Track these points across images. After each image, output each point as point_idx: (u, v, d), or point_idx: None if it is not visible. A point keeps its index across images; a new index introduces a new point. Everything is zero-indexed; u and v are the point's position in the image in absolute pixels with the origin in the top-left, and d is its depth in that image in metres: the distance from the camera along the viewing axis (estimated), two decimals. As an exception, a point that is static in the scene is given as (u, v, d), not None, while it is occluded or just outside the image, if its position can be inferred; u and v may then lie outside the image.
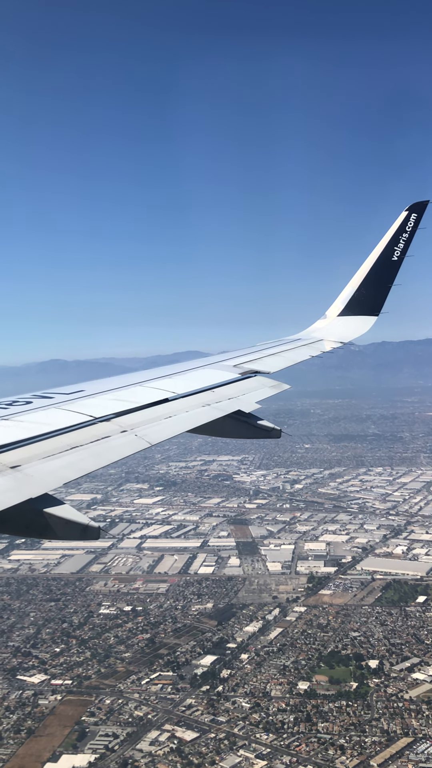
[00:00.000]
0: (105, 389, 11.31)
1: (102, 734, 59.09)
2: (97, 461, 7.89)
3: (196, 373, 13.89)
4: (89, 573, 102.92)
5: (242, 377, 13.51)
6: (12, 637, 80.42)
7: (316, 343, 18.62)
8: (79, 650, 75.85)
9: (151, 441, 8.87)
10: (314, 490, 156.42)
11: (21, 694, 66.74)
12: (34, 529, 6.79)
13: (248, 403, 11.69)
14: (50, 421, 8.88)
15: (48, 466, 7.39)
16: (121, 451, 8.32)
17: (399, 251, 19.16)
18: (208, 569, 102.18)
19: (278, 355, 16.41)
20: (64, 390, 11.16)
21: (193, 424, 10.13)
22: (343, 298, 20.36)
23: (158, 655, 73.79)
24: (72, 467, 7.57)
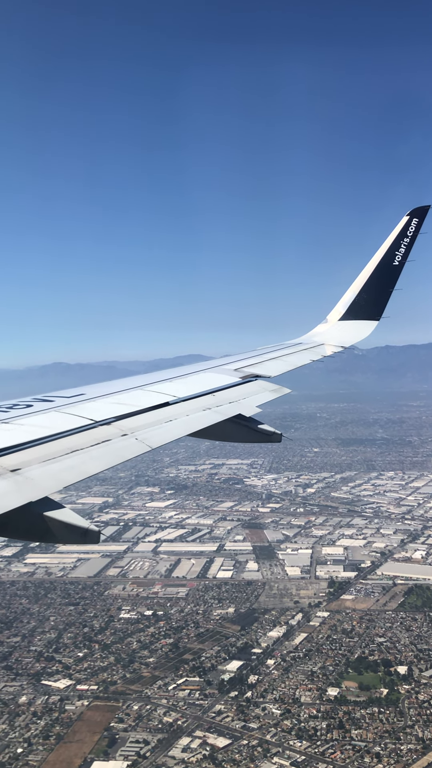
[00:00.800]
0: (106, 393, 11.28)
1: (132, 740, 58.34)
2: (97, 465, 7.84)
3: (197, 376, 13.83)
4: (106, 577, 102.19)
5: (243, 381, 13.47)
6: (33, 641, 79.66)
7: (317, 347, 18.58)
8: (102, 655, 75.08)
9: (151, 444, 8.81)
10: (327, 494, 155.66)
11: (47, 700, 65.98)
12: (34, 532, 6.75)
13: (249, 407, 11.67)
14: (51, 425, 8.86)
15: (48, 470, 7.37)
16: (122, 455, 8.27)
17: (400, 256, 19.16)
18: (227, 573, 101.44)
19: (279, 359, 16.37)
20: (64, 393, 11.15)
21: (194, 427, 10.11)
22: (345, 302, 20.36)
23: (183, 661, 73.02)
24: (72, 471, 7.52)
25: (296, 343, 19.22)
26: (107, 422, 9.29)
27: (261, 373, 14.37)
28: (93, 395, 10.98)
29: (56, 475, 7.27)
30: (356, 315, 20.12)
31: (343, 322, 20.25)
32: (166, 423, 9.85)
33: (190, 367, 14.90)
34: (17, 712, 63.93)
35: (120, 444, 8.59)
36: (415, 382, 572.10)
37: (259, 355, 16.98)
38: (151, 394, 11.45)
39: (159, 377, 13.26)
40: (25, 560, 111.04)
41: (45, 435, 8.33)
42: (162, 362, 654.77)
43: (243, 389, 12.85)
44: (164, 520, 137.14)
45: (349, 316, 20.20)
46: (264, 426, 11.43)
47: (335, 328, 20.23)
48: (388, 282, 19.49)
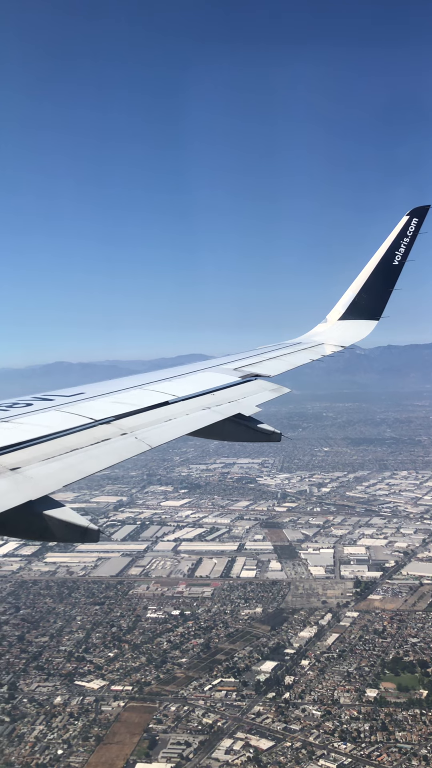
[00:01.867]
0: (105, 392, 11.24)
1: (173, 742, 57.61)
2: (97, 464, 7.82)
3: (196, 376, 13.81)
4: (129, 576, 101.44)
5: (243, 380, 13.44)
6: (62, 641, 78.91)
7: (316, 347, 18.55)
8: (133, 655, 74.33)
9: (151, 444, 8.81)
10: (342, 494, 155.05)
11: (82, 700, 65.27)
12: (34, 531, 6.74)
13: (248, 406, 11.65)
14: (50, 424, 8.85)
15: (48, 469, 7.36)
16: (121, 454, 8.27)
17: (400, 256, 19.09)
18: (250, 573, 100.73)
19: (279, 359, 16.32)
20: (64, 392, 11.13)
21: (194, 427, 10.09)
22: (344, 302, 20.30)
23: (216, 661, 72.31)
24: (72, 469, 7.52)
25: (296, 343, 19.17)
26: (107, 421, 9.25)
27: (260, 373, 14.33)
28: (92, 394, 10.94)
29: (56, 474, 7.27)
30: (356, 315, 20.06)
31: (343, 322, 20.19)
32: (166, 422, 9.82)
33: (190, 367, 14.84)
34: (53, 713, 63.19)
35: (119, 443, 8.56)
36: (418, 381, 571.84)
37: (258, 354, 16.91)
38: (150, 393, 11.42)
39: (158, 376, 13.25)
40: (45, 559, 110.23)
41: (45, 434, 8.31)
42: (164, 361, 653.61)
43: (242, 389, 12.83)
44: (181, 519, 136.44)
45: (349, 316, 20.14)
46: (263, 425, 11.36)
47: (335, 328, 20.18)
48: (388, 282, 19.38)
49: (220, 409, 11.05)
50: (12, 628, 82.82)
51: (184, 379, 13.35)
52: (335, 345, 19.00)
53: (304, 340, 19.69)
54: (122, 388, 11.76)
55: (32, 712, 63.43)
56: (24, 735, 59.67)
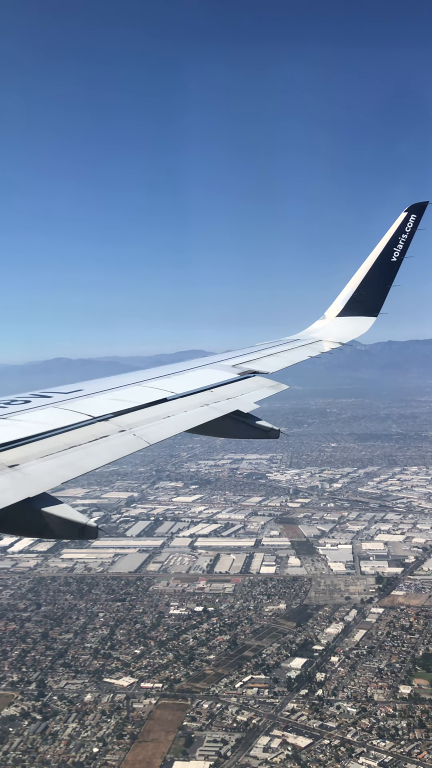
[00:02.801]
0: (103, 389, 11.20)
1: (209, 740, 57.11)
2: (95, 461, 7.79)
3: (194, 373, 13.75)
4: (148, 572, 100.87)
5: (241, 377, 13.42)
6: (87, 638, 78.35)
7: (314, 343, 18.50)
8: (160, 652, 73.80)
9: (149, 441, 8.78)
10: (354, 490, 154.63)
11: (113, 698, 64.72)
12: (33, 528, 6.73)
13: (247, 403, 11.64)
14: (48, 421, 8.81)
15: (46, 466, 7.34)
16: (120, 451, 8.24)
17: (398, 252, 19.00)
18: (270, 569, 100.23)
19: (277, 356, 16.34)
20: (62, 389, 11.05)
21: (192, 423, 10.07)
22: (342, 298, 20.16)
23: (244, 658, 71.78)
24: (70, 466, 7.49)
25: (294, 339, 19.12)
26: (105, 418, 9.21)
27: (259, 369, 14.29)
28: (91, 391, 10.89)
29: (54, 471, 7.24)
30: (354, 311, 19.92)
31: (341, 318, 20.07)
32: (164, 419, 9.78)
33: (188, 363, 14.77)
34: (85, 710, 62.65)
35: (118, 440, 8.52)
36: (419, 377, 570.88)
37: (256, 351, 16.89)
38: (149, 390, 11.37)
39: (157, 373, 13.14)
40: (61, 556, 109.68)
41: (43, 431, 8.27)
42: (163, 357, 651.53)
43: (241, 385, 12.78)
44: (194, 515, 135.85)
45: (347, 312, 20.02)
46: (262, 422, 11.31)
47: (333, 324, 20.06)
48: (387, 278, 19.24)
49: (218, 406, 11.02)
50: (35, 625, 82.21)
51: (182, 376, 13.28)
52: (333, 341, 18.93)
53: (302, 337, 19.62)
54: (120, 385, 11.66)
55: (63, 710, 62.87)
56: (57, 733, 59.11)
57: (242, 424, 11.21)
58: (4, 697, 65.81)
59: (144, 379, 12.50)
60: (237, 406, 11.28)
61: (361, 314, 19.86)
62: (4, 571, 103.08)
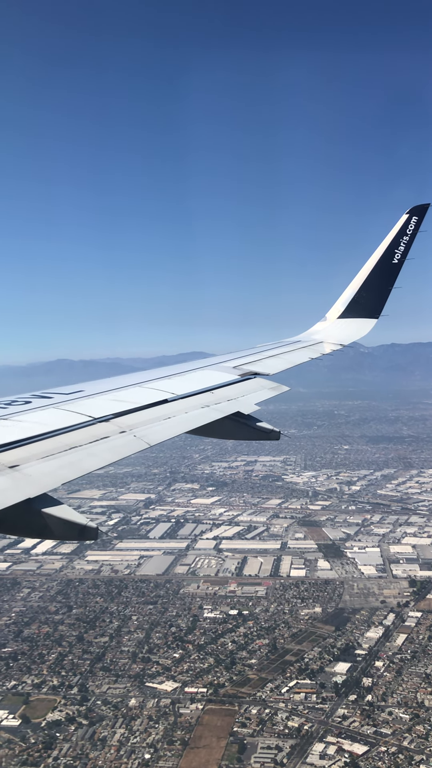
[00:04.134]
0: (104, 390, 11.18)
1: (263, 747, 56.02)
2: (95, 461, 7.74)
3: (195, 374, 13.72)
4: (176, 575, 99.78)
5: (242, 379, 13.37)
6: (123, 641, 77.26)
7: (315, 345, 18.47)
8: (199, 656, 72.73)
9: (150, 442, 8.74)
10: (373, 492, 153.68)
11: (157, 702, 63.64)
12: (33, 529, 6.68)
13: (247, 404, 11.60)
14: (49, 421, 8.79)
15: (47, 466, 7.31)
16: (120, 452, 8.20)
17: (399, 254, 18.94)
18: (300, 572, 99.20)
19: (278, 357, 16.31)
20: (63, 390, 11.05)
21: (193, 425, 10.01)
22: (344, 300, 20.15)
23: (286, 662, 70.73)
24: (71, 467, 7.45)
25: (295, 341, 19.08)
26: (106, 419, 9.19)
27: (260, 371, 14.24)
28: (91, 392, 10.85)
29: (54, 471, 7.21)
30: (355, 313, 19.89)
31: (342, 320, 20.05)
32: (165, 420, 9.74)
33: (189, 365, 14.71)
34: (130, 715, 61.57)
35: (118, 441, 8.49)
36: (423, 379, 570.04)
37: (257, 352, 16.85)
38: (149, 391, 11.35)
39: (158, 374, 13.10)
40: (86, 558, 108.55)
41: (43, 432, 8.25)
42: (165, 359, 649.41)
43: (241, 387, 12.75)
44: (215, 517, 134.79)
45: (348, 314, 19.99)
46: (262, 424, 11.25)
47: (334, 326, 20.05)
48: (388, 280, 19.19)
49: (219, 407, 10.97)
50: (69, 628, 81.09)
51: (183, 377, 13.22)
52: (334, 343, 18.85)
53: (303, 339, 19.55)
54: (121, 386, 11.60)
55: (109, 715, 61.81)
56: (106, 738, 58.03)
57: (243, 425, 11.14)
58: (47, 701, 64.72)
59: (145, 380, 12.42)
60: (238, 408, 11.21)
61: (362, 316, 19.80)
62: (30, 573, 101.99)
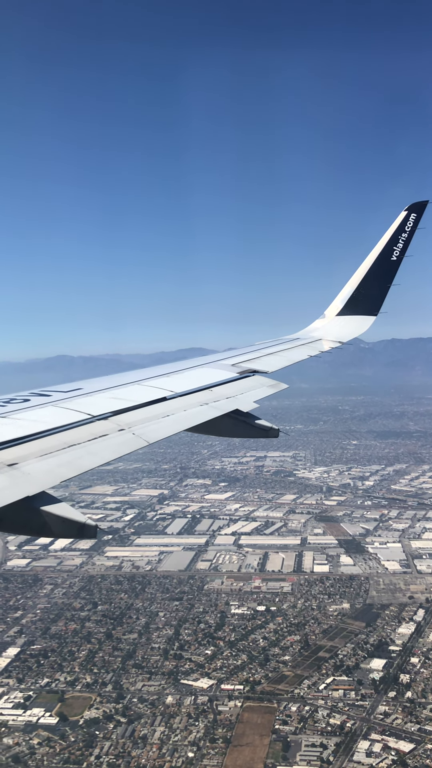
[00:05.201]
0: (103, 387, 11.16)
1: (307, 744, 55.40)
2: (94, 459, 7.75)
3: (194, 372, 13.73)
4: (198, 571, 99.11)
5: (240, 376, 13.38)
6: (152, 638, 76.55)
7: (314, 342, 18.50)
8: (232, 653, 72.07)
9: (148, 440, 8.76)
10: (387, 488, 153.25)
11: (194, 700, 62.98)
12: (31, 527, 6.70)
13: (246, 402, 11.59)
14: (48, 419, 8.78)
15: (45, 464, 7.32)
16: (119, 450, 8.22)
17: (398, 251, 18.91)
18: (323, 567, 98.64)
19: (276, 355, 16.33)
20: (61, 388, 11.05)
21: (191, 423, 10.04)
22: (342, 297, 20.09)
23: (320, 659, 70.11)
24: (69, 465, 7.46)
25: (294, 339, 19.11)
26: (104, 417, 9.19)
27: (258, 369, 14.26)
28: (90, 390, 10.86)
29: (53, 469, 7.20)
30: (354, 310, 19.87)
31: (341, 318, 20.02)
32: (164, 418, 9.75)
33: (188, 362, 14.72)
34: (169, 713, 60.87)
35: (117, 439, 8.49)
36: (424, 374, 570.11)
37: (256, 350, 16.90)
38: (148, 389, 11.34)
39: (156, 372, 13.09)
40: (105, 554, 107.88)
41: (42, 430, 8.25)
42: (164, 355, 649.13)
43: (240, 384, 12.75)
44: (231, 512, 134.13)
45: (347, 312, 19.96)
46: (261, 421, 11.24)
47: (333, 324, 20.03)
48: (386, 277, 19.14)
49: (217, 405, 10.97)
50: (96, 625, 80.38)
51: (181, 375, 13.21)
52: (333, 341, 18.83)
53: (302, 336, 19.58)
54: (120, 384, 11.58)
55: (146, 713, 61.09)
56: (146, 737, 57.33)
57: (242, 423, 11.08)
58: (82, 699, 64.02)
59: (143, 378, 12.39)
60: (236, 405, 11.19)
61: (361, 313, 19.73)
62: (51, 569, 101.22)
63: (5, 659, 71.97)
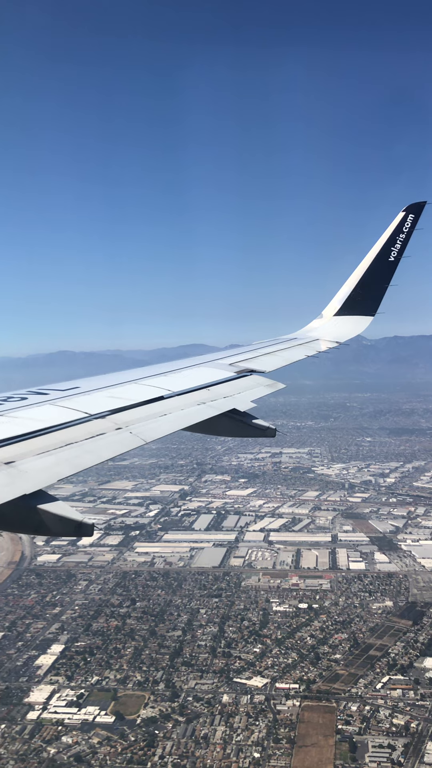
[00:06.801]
0: (100, 386, 11.21)
1: (374, 745, 54.36)
2: (91, 458, 7.77)
3: (191, 371, 13.74)
4: (233, 567, 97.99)
5: (238, 376, 13.41)
6: (197, 635, 75.46)
7: (311, 342, 18.54)
8: (281, 651, 71.00)
9: (146, 438, 8.77)
10: (410, 485, 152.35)
11: (251, 699, 61.90)
12: (29, 525, 6.64)
13: (243, 401, 11.62)
14: (45, 418, 8.79)
15: (42, 463, 7.28)
16: (116, 448, 8.22)
17: (396, 252, 18.97)
18: (359, 565, 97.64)
19: (274, 355, 16.39)
20: (59, 386, 11.10)
21: (188, 422, 10.06)
22: (340, 298, 20.14)
23: (371, 657, 69.10)
24: (67, 464, 7.43)
25: (291, 338, 19.16)
26: (102, 416, 9.19)
27: (256, 368, 14.26)
28: (87, 388, 10.89)
29: (50, 468, 7.20)
30: (352, 310, 19.94)
31: (339, 318, 20.10)
32: (161, 417, 9.76)
33: (186, 361, 14.76)
34: (227, 712, 59.78)
35: (115, 437, 8.49)
36: (428, 372, 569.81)
37: (253, 350, 16.96)
38: (145, 388, 11.36)
39: (154, 371, 13.10)
40: (136, 549, 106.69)
41: (39, 428, 8.25)
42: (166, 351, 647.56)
43: (237, 384, 12.77)
44: (255, 508, 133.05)
45: (345, 312, 20.04)
46: (258, 421, 11.24)
47: (330, 324, 20.09)
48: (384, 278, 19.21)
49: (215, 405, 10.99)
50: (137, 622, 79.22)
51: (179, 374, 13.25)
52: (330, 340, 18.86)
53: (299, 336, 19.61)
54: (117, 383, 11.62)
55: (204, 712, 59.99)
56: (208, 736, 56.22)
57: (239, 422, 11.09)
58: (135, 697, 62.91)
59: (141, 376, 12.43)
60: (234, 405, 11.21)
61: (359, 314, 19.79)
62: (83, 565, 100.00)
63: (51, 656, 70.82)
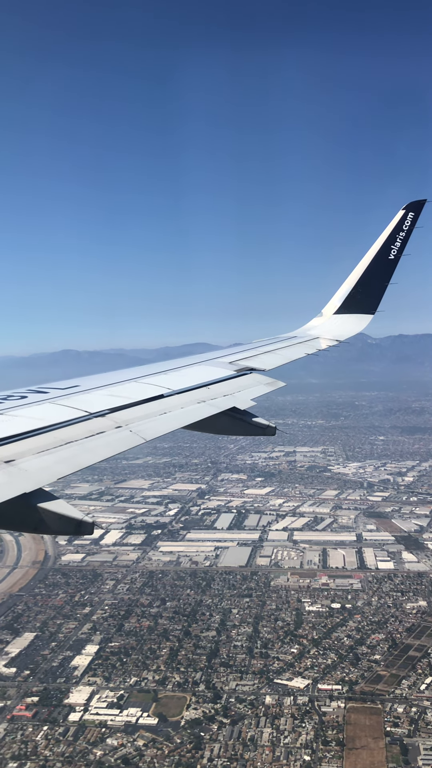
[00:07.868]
0: (100, 385, 11.21)
1: (426, 748, 53.52)
2: (91, 456, 7.72)
3: (191, 369, 13.70)
4: (260, 567, 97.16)
5: (238, 374, 13.39)
6: (231, 635, 74.61)
7: (311, 341, 18.52)
8: (319, 651, 70.15)
9: (145, 437, 8.72)
10: (429, 483, 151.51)
11: (294, 700, 61.05)
12: (29, 523, 6.60)
13: (243, 400, 11.61)
14: (45, 416, 8.75)
15: (42, 461, 7.25)
16: (116, 447, 8.17)
17: (396, 250, 18.96)
18: (387, 564, 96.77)
19: (274, 353, 16.36)
20: (59, 385, 11.11)
21: (188, 420, 10.06)
22: (340, 296, 20.09)
23: (411, 658, 68.25)
24: (67, 462, 7.39)
25: (291, 337, 19.21)
26: (102, 414, 9.20)
27: (256, 367, 14.25)
28: (87, 387, 10.92)
29: (50, 466, 7.17)
30: (351, 309, 19.93)
31: (338, 316, 20.07)
32: (161, 415, 9.76)
33: (185, 360, 14.72)
34: (272, 714, 58.94)
35: (114, 436, 8.51)
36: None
37: (253, 348, 16.96)
38: (145, 386, 11.36)
39: (153, 370, 13.08)
40: (160, 549, 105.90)
41: (39, 426, 8.25)
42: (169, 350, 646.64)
43: (237, 382, 12.78)
44: (275, 507, 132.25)
45: (345, 310, 20.02)
46: (258, 419, 11.23)
47: (330, 322, 20.09)
48: (384, 276, 19.20)
49: (215, 403, 10.98)
50: (169, 622, 78.39)
51: (179, 372, 13.23)
52: (330, 339, 18.86)
53: (299, 334, 19.59)
54: (117, 381, 11.59)
55: (248, 713, 59.14)
56: (254, 738, 55.38)
57: (239, 421, 11.06)
58: (177, 698, 62.08)
59: (141, 375, 12.40)
60: (233, 403, 11.19)
61: (359, 312, 19.77)
62: (108, 564, 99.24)
63: (86, 657, 70.04)
